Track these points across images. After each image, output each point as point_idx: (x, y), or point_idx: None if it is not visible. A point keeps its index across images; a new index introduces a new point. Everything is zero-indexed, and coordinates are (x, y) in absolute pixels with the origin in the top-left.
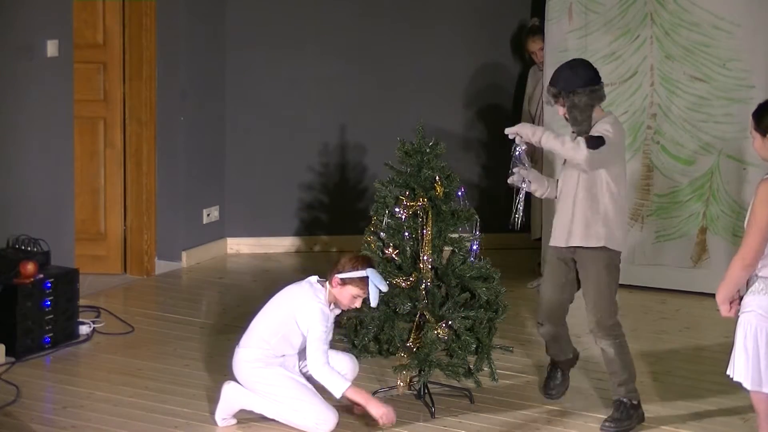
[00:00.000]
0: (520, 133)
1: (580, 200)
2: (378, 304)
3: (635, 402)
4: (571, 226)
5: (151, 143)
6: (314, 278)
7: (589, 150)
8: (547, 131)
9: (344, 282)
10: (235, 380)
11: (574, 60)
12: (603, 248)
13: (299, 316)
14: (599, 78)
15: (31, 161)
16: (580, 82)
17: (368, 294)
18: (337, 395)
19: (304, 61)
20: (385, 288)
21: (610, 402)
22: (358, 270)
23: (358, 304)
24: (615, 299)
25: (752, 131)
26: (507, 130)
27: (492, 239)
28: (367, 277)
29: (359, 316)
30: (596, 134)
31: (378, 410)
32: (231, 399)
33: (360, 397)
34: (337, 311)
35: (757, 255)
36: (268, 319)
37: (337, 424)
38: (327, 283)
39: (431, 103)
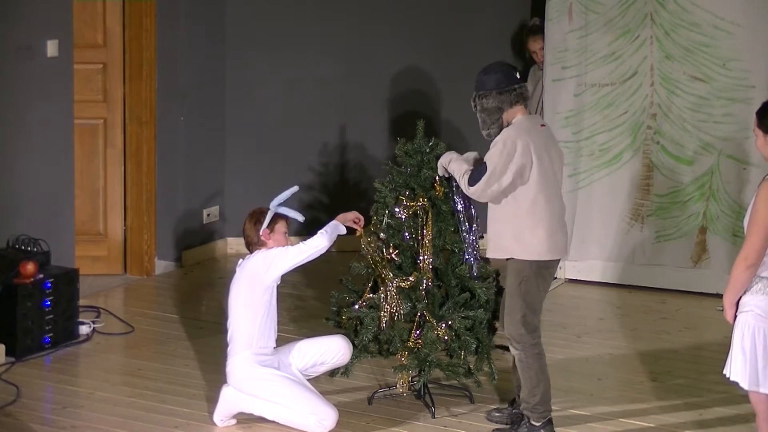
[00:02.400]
0: (442, 164)
1: (490, 211)
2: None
3: (535, 423)
4: (488, 237)
5: (151, 143)
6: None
7: (470, 187)
8: (453, 161)
9: (271, 227)
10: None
11: (490, 64)
12: (512, 258)
13: (262, 270)
14: (514, 79)
15: (32, 161)
16: (489, 85)
17: (290, 218)
18: (339, 231)
19: (304, 61)
20: (289, 194)
21: (611, 402)
22: (265, 214)
23: (287, 237)
24: (525, 309)
25: (755, 129)
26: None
27: None
28: (275, 212)
29: (359, 316)
30: (485, 162)
31: (347, 217)
32: (230, 401)
33: (336, 228)
34: None
35: (759, 255)
36: (240, 313)
37: (338, 421)
38: (257, 247)
39: (431, 103)
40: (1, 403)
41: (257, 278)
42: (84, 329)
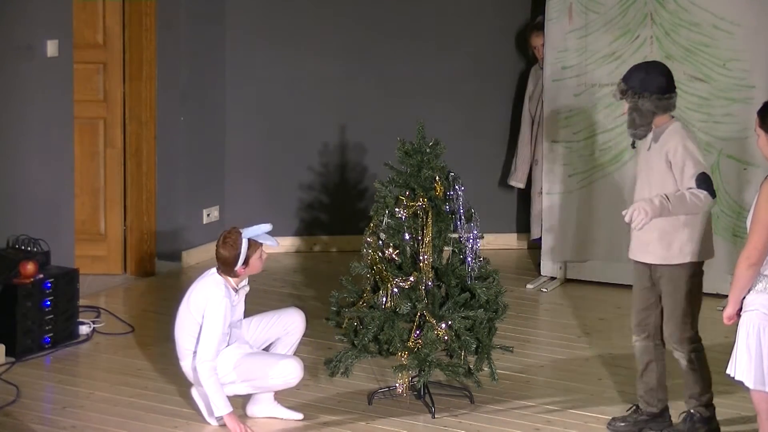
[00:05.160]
0: (648, 214)
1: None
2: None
3: (705, 416)
4: (648, 243)
5: (151, 143)
6: (212, 270)
7: (714, 197)
8: (670, 201)
9: (246, 262)
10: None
11: (652, 63)
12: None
13: (197, 311)
14: (672, 87)
15: (31, 161)
16: (651, 87)
17: (264, 245)
18: (217, 414)
19: (304, 61)
20: (263, 229)
21: (611, 402)
22: (240, 246)
23: (264, 257)
24: (690, 312)
25: (757, 129)
26: (626, 217)
27: (492, 239)
28: (248, 240)
29: (359, 316)
30: (697, 170)
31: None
32: (204, 398)
33: (234, 427)
34: (247, 288)
35: (761, 254)
36: (185, 329)
37: (304, 369)
38: (228, 277)
39: (431, 103)
40: (1, 403)
41: (196, 311)
42: (84, 329)
